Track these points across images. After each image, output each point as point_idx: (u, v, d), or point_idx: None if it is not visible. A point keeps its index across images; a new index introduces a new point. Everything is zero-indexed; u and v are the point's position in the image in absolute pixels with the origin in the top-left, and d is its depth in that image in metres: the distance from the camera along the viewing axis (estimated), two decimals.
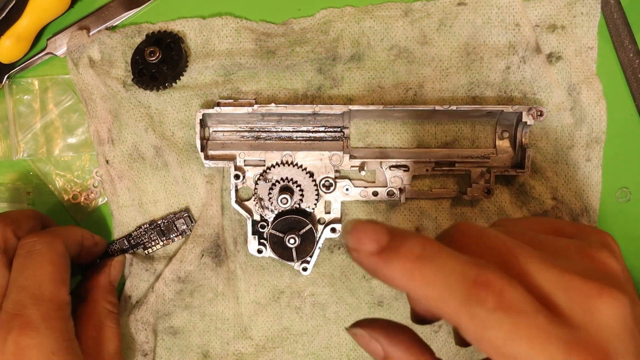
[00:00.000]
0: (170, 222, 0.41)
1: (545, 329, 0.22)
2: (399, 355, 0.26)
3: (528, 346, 0.21)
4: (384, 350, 0.26)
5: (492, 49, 0.40)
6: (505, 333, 0.21)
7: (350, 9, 0.40)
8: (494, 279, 0.22)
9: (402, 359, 0.26)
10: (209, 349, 0.42)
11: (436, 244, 0.22)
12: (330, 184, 0.40)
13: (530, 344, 0.21)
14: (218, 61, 0.40)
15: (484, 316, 0.22)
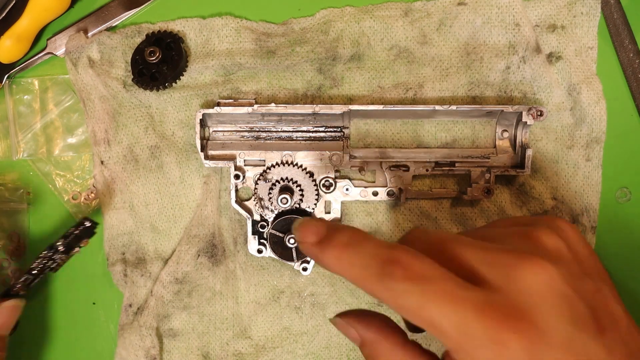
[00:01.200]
0: (71, 236, 0.38)
1: (454, 292, 0.24)
2: (371, 337, 0.29)
3: (438, 309, 0.24)
4: (359, 335, 0.29)
5: (492, 49, 0.40)
6: (417, 299, 0.24)
7: (350, 9, 0.40)
8: (403, 255, 0.25)
9: (373, 340, 0.29)
10: (209, 350, 0.42)
11: (361, 234, 0.26)
12: (330, 184, 0.40)
13: (439, 307, 0.24)
14: (218, 61, 0.40)
15: (395, 287, 0.24)
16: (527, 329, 0.23)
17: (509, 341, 0.23)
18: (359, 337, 0.30)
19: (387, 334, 0.30)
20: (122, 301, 0.42)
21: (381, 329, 0.30)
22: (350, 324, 0.30)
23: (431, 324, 0.25)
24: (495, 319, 0.23)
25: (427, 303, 0.24)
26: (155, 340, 0.41)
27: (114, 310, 0.43)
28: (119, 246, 0.42)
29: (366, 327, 0.30)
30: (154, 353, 0.41)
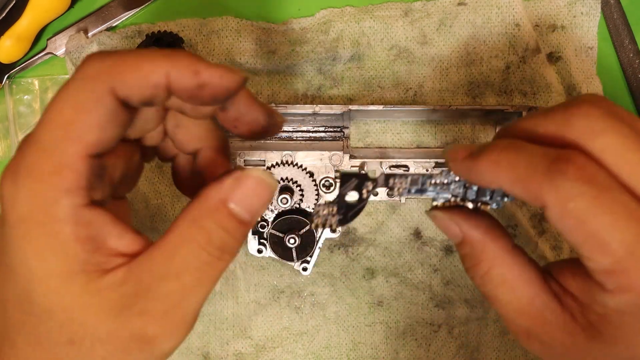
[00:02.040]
0: None
1: (630, 207, 0.22)
2: (477, 237, 0.28)
3: (610, 220, 0.22)
4: (463, 232, 0.28)
5: (492, 49, 0.40)
6: (588, 204, 0.22)
7: (350, 9, 0.40)
8: (576, 155, 0.22)
9: (479, 240, 0.27)
10: (209, 350, 0.42)
11: (520, 140, 0.24)
12: (330, 184, 0.40)
13: (613, 219, 0.22)
14: (218, 61, 0.40)
15: (566, 186, 0.22)
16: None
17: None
18: (460, 234, 0.28)
19: (495, 235, 0.28)
20: None
21: (490, 229, 0.28)
22: (455, 219, 0.28)
23: (595, 235, 0.22)
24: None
25: (598, 210, 0.22)
26: None
27: None
28: None
29: (473, 225, 0.28)
30: None
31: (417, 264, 0.41)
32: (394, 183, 0.29)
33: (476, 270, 0.28)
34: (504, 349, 0.41)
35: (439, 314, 0.42)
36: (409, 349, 0.42)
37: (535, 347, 0.27)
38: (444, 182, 0.28)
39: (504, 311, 0.27)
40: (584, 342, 0.25)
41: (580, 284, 0.26)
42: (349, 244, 0.42)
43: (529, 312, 0.27)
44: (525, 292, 0.27)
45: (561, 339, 0.26)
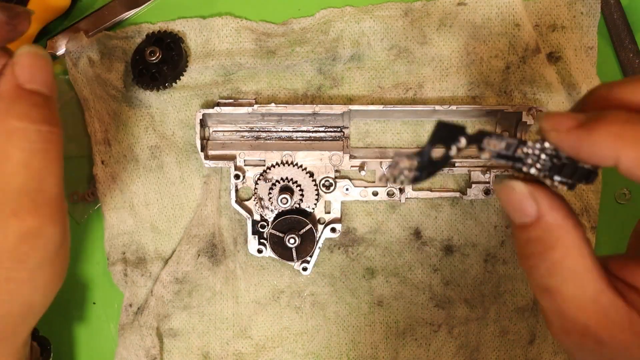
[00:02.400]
0: None
1: None
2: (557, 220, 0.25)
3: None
4: (541, 212, 0.25)
5: (492, 49, 0.40)
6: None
7: (350, 9, 0.40)
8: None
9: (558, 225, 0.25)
10: (209, 350, 0.42)
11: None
12: (330, 184, 0.41)
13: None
14: (218, 61, 0.40)
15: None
16: None
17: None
18: (535, 214, 0.25)
19: (575, 222, 0.25)
20: (122, 301, 0.42)
21: (571, 214, 0.25)
22: (535, 196, 0.25)
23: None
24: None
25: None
26: (155, 340, 0.41)
27: (114, 310, 0.43)
28: (119, 246, 0.42)
29: (555, 206, 0.25)
30: (154, 353, 0.41)
31: (417, 264, 0.42)
32: (488, 143, 0.25)
33: (545, 258, 0.25)
34: (504, 349, 0.41)
35: (439, 314, 0.42)
36: (409, 349, 0.42)
37: (587, 345, 0.25)
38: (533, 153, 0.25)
39: (565, 305, 0.25)
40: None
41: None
42: (349, 244, 0.42)
43: (591, 309, 0.25)
44: (592, 287, 0.25)
45: (623, 339, 0.24)
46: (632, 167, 0.22)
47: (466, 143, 0.25)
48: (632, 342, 0.24)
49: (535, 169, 0.26)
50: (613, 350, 0.24)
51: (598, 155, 0.23)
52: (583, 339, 0.25)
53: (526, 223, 0.26)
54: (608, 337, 0.24)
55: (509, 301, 0.41)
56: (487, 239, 0.41)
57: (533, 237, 0.26)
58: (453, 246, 0.41)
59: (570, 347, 0.26)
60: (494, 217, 0.41)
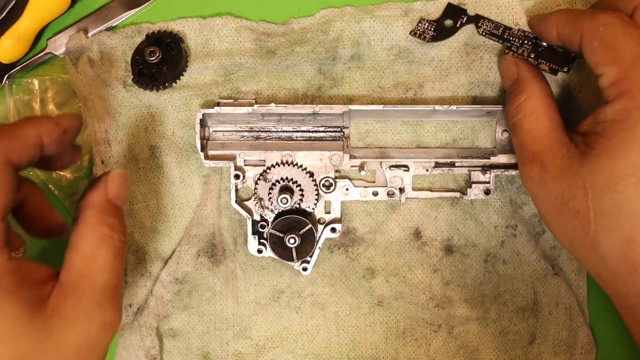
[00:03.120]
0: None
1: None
2: (528, 76, 0.36)
3: (627, 41, 0.30)
4: (518, 72, 0.36)
5: (492, 49, 0.40)
6: (614, 30, 0.30)
7: (350, 9, 0.40)
8: (618, 10, 0.32)
9: (529, 78, 0.36)
10: (209, 350, 0.42)
11: None
12: (330, 184, 0.41)
13: (629, 39, 0.30)
14: (218, 61, 0.40)
15: (601, 17, 0.31)
16: None
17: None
18: (516, 74, 0.36)
19: (541, 80, 0.36)
20: (122, 301, 0.42)
21: (539, 76, 0.36)
22: (517, 63, 0.36)
23: (611, 49, 0.30)
24: None
25: (620, 32, 0.30)
26: (155, 340, 0.41)
27: None
28: None
29: (529, 69, 0.36)
30: (154, 353, 0.41)
31: (417, 264, 0.42)
32: (482, 22, 0.39)
33: (515, 100, 0.35)
34: (504, 349, 0.41)
35: (439, 314, 0.42)
36: (409, 349, 0.42)
37: (534, 171, 0.33)
38: (518, 37, 0.38)
39: (523, 136, 0.34)
40: (577, 163, 0.30)
41: (590, 119, 0.31)
42: (349, 244, 0.42)
43: (542, 141, 0.33)
44: (546, 124, 0.33)
45: (560, 163, 0.31)
46: (562, 29, 0.33)
47: (466, 19, 0.39)
48: (566, 165, 0.31)
49: (520, 50, 0.38)
50: (552, 174, 0.31)
51: (546, 26, 0.35)
52: (532, 166, 0.33)
53: (510, 83, 0.36)
54: (550, 162, 0.32)
55: (509, 301, 0.41)
56: (487, 239, 0.41)
57: (512, 89, 0.36)
58: (453, 246, 0.41)
59: (525, 179, 0.34)
60: (494, 217, 0.41)
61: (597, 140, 0.30)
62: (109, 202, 0.33)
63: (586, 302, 0.41)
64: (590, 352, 0.41)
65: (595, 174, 0.29)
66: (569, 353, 0.41)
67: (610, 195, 0.29)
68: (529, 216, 0.41)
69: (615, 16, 0.30)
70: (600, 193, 0.29)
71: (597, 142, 0.30)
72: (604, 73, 0.30)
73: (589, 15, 0.31)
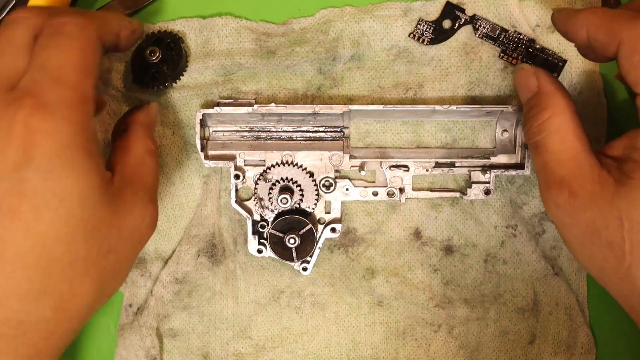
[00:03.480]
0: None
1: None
2: (551, 89, 0.32)
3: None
4: (539, 85, 0.33)
5: (491, 49, 0.40)
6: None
7: (350, 9, 0.40)
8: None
9: (552, 91, 0.32)
10: (209, 350, 0.42)
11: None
12: (330, 184, 0.41)
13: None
14: (218, 61, 0.40)
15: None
16: None
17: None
18: (536, 87, 0.33)
19: (566, 94, 0.32)
20: (122, 301, 0.42)
21: (563, 88, 0.33)
22: (537, 73, 0.33)
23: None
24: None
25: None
26: (155, 340, 0.41)
27: (114, 310, 0.43)
28: None
29: (551, 80, 0.33)
30: (154, 353, 0.41)
31: (417, 264, 0.42)
32: (479, 24, 0.38)
33: (537, 118, 0.31)
34: (504, 349, 0.41)
35: (439, 314, 0.42)
36: (409, 349, 0.42)
37: (562, 198, 0.30)
38: (513, 40, 0.37)
39: (548, 158, 0.31)
40: (612, 192, 0.28)
41: (624, 142, 0.29)
42: (349, 244, 0.42)
43: (570, 164, 0.30)
44: (573, 145, 0.30)
45: (591, 190, 0.29)
46: (595, 33, 0.29)
47: (464, 20, 0.38)
48: (598, 192, 0.28)
49: (514, 54, 0.37)
50: (582, 201, 0.29)
51: (577, 25, 0.31)
52: (559, 191, 0.30)
53: (529, 96, 0.33)
54: (579, 188, 0.29)
55: (509, 301, 0.41)
56: (487, 239, 0.41)
57: (532, 104, 0.32)
58: (453, 246, 0.41)
59: (550, 204, 0.31)
60: (494, 217, 0.41)
61: (635, 169, 0.28)
62: (150, 124, 0.36)
63: (586, 302, 0.41)
64: (590, 352, 0.41)
65: (633, 205, 0.27)
66: (569, 353, 0.41)
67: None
68: (529, 216, 0.41)
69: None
70: (639, 225, 0.27)
71: (636, 171, 0.28)
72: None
73: (627, 21, 0.28)
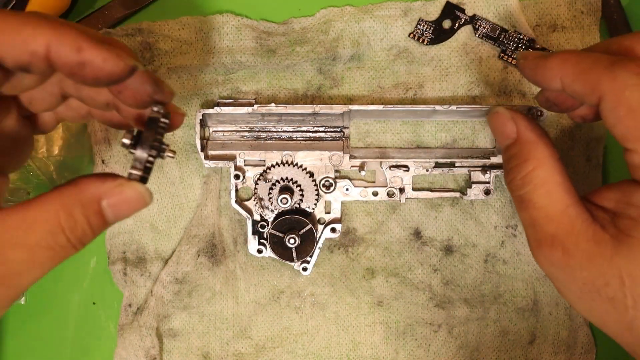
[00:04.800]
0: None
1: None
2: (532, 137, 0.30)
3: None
4: (519, 131, 0.30)
5: (491, 49, 0.40)
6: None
7: (350, 9, 0.40)
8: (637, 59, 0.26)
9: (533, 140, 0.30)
10: (209, 350, 0.42)
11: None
12: (330, 184, 0.40)
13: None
14: (218, 59, 0.40)
15: (624, 76, 0.25)
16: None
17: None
18: (515, 133, 0.30)
19: (548, 142, 0.30)
20: (122, 301, 0.42)
21: (544, 135, 0.30)
22: (515, 118, 0.31)
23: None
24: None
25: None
26: (155, 340, 0.41)
27: (114, 310, 0.43)
28: (119, 244, 0.42)
29: (530, 127, 0.30)
30: (154, 353, 0.41)
31: (417, 264, 0.41)
32: (479, 24, 0.38)
33: (520, 170, 0.29)
34: (504, 349, 0.41)
35: (439, 314, 0.42)
36: (409, 349, 0.42)
37: (555, 256, 0.28)
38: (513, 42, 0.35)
39: (536, 214, 0.29)
40: (610, 250, 0.26)
41: (616, 195, 0.28)
42: (349, 244, 0.42)
43: (560, 220, 0.28)
44: (561, 199, 0.28)
45: (586, 248, 0.27)
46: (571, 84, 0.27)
47: (465, 20, 0.37)
48: (595, 251, 0.26)
49: (514, 54, 0.37)
50: (578, 260, 0.27)
51: (548, 75, 0.28)
52: (552, 250, 0.28)
53: (509, 145, 0.31)
54: (573, 246, 0.27)
55: (509, 301, 0.41)
56: (487, 239, 0.41)
57: (512, 154, 0.30)
58: (453, 246, 0.41)
59: (542, 262, 0.29)
60: (494, 217, 0.41)
61: (633, 227, 0.26)
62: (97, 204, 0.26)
63: None
64: (590, 352, 0.41)
65: (634, 264, 0.26)
66: (569, 353, 0.41)
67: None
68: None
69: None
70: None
71: (634, 230, 0.26)
72: (635, 150, 0.26)
73: (606, 71, 0.25)
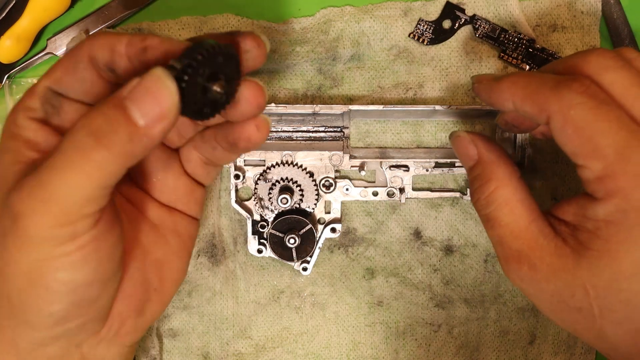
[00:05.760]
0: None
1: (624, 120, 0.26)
2: (491, 158, 0.32)
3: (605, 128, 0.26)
4: (479, 153, 0.32)
5: (491, 49, 0.40)
6: (587, 113, 0.26)
7: (350, 9, 0.40)
8: (582, 77, 0.27)
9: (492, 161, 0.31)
10: (209, 350, 0.42)
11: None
12: (330, 184, 0.41)
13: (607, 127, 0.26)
14: None
15: (570, 96, 0.26)
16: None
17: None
18: (476, 155, 0.32)
19: (506, 161, 0.32)
20: None
21: (503, 155, 0.32)
22: (475, 141, 0.33)
23: (590, 140, 0.26)
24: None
25: (595, 118, 0.26)
26: (155, 340, 0.41)
27: None
28: None
29: (490, 148, 0.32)
30: (154, 353, 0.41)
31: (417, 264, 0.42)
32: (479, 24, 0.39)
33: (483, 190, 0.31)
34: (504, 349, 0.41)
35: (439, 314, 0.42)
36: (409, 349, 0.42)
37: (523, 271, 0.29)
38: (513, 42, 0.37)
39: (501, 232, 0.30)
40: (572, 263, 0.27)
41: (574, 208, 0.29)
42: (349, 244, 0.42)
43: (524, 236, 0.29)
44: (524, 216, 0.30)
45: (550, 262, 0.28)
46: (522, 105, 0.28)
47: (464, 20, 0.38)
48: (558, 264, 0.28)
49: (514, 54, 0.38)
50: (544, 273, 0.28)
51: (501, 98, 0.30)
52: (519, 265, 0.29)
53: (472, 166, 0.32)
54: (538, 261, 0.28)
55: (509, 301, 0.41)
56: (487, 239, 0.41)
57: (476, 175, 0.32)
58: (453, 246, 0.41)
59: (512, 277, 0.30)
60: None
61: (591, 240, 0.27)
62: (121, 105, 0.25)
63: None
64: (590, 352, 0.41)
65: (596, 275, 0.27)
66: (569, 353, 0.41)
67: (615, 293, 0.26)
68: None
69: (585, 93, 0.26)
70: (604, 291, 0.27)
71: (593, 242, 0.27)
72: (585, 166, 0.27)
73: (553, 92, 0.27)
